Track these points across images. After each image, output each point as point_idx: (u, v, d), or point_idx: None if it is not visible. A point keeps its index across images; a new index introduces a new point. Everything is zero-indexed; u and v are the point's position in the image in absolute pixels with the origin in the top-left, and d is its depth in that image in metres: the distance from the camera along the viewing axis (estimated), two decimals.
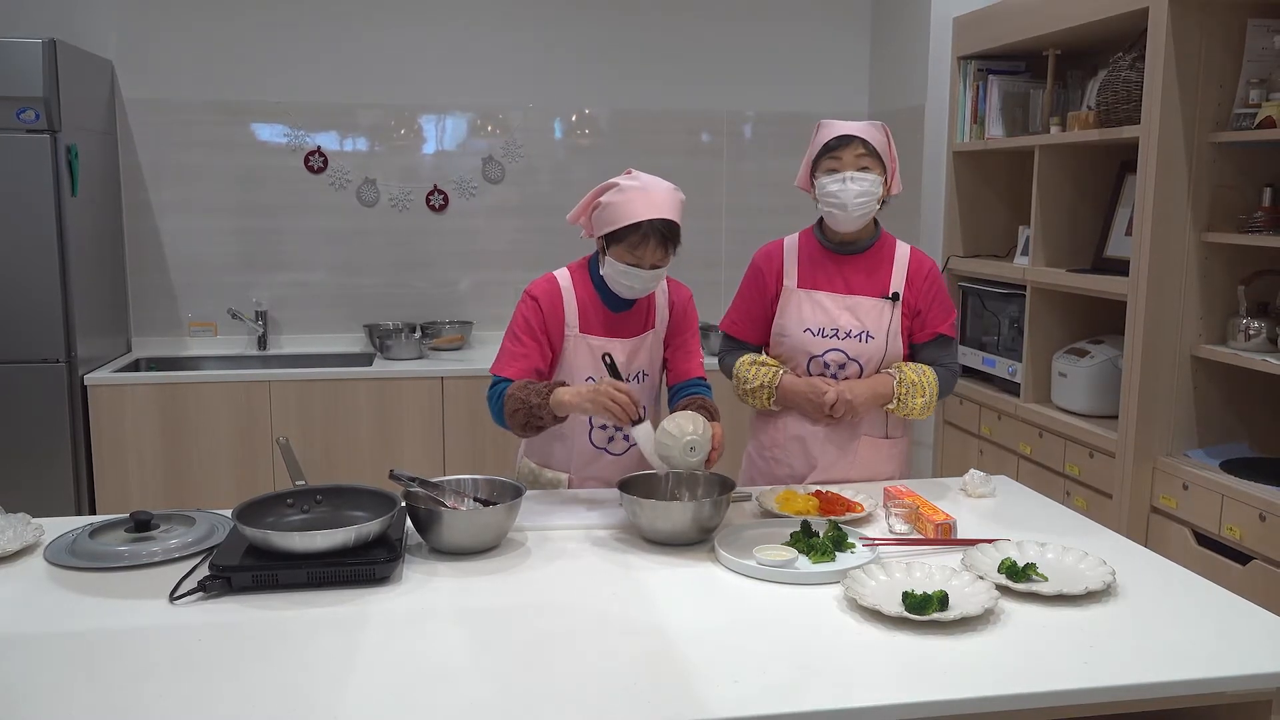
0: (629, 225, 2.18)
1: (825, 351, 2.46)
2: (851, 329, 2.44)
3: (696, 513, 2.00)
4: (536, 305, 2.31)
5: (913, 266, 2.48)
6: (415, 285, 4.57)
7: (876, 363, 2.45)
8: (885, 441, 2.53)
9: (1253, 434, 3.02)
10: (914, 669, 1.51)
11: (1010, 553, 1.92)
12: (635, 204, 2.18)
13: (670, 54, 4.61)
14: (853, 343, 2.44)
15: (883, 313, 2.44)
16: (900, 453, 2.57)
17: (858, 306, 2.45)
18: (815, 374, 2.48)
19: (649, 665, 1.52)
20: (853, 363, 2.45)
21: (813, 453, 2.50)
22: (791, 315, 2.49)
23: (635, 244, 2.20)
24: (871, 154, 2.36)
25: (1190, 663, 1.54)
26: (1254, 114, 2.73)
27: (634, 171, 2.27)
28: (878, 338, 2.44)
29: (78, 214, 3.76)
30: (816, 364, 2.48)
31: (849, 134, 2.36)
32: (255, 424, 3.91)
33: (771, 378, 2.47)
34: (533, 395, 2.17)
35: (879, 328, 2.44)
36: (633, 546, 2.02)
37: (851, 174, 2.35)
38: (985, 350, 3.84)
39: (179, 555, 1.92)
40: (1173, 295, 2.92)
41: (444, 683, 1.46)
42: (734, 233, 4.71)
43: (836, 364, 2.46)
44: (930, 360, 2.49)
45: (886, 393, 2.41)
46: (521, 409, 2.18)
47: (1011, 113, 3.81)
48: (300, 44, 4.34)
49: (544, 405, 2.15)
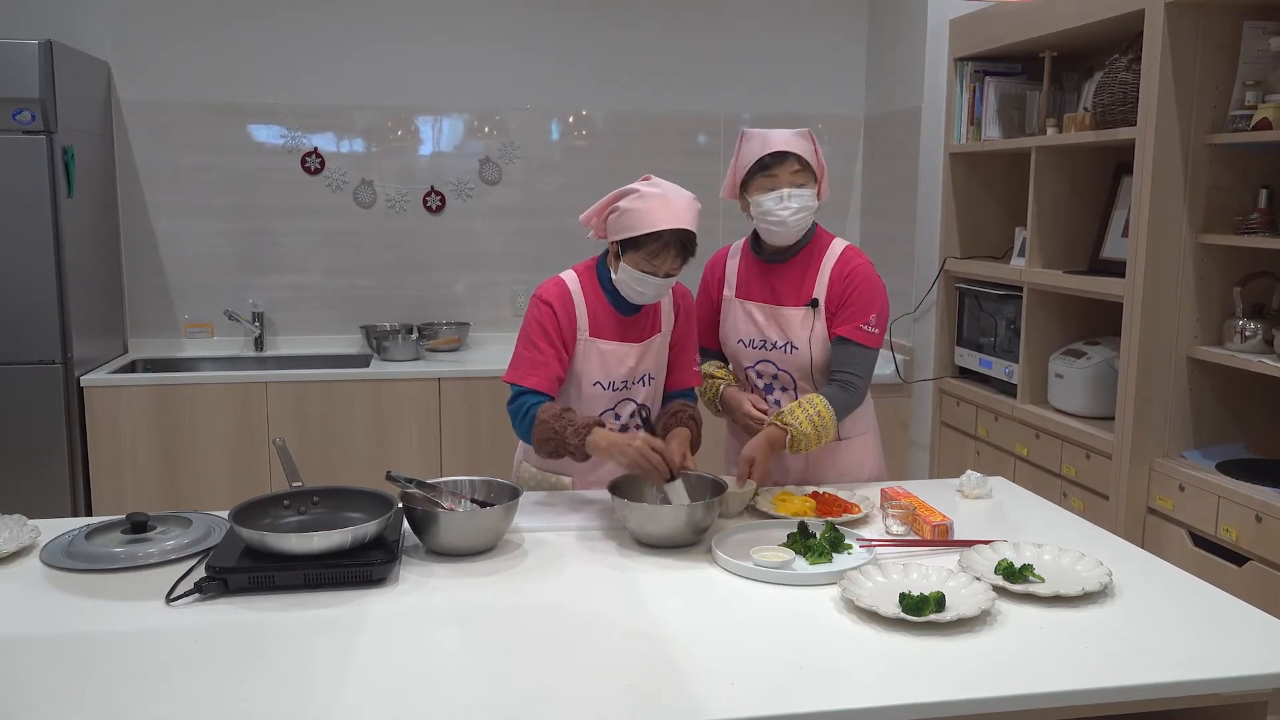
0: (649, 234, 2.16)
1: (755, 363, 2.47)
2: (777, 340, 2.43)
3: (690, 515, 2.00)
4: (551, 310, 2.28)
5: (836, 268, 2.40)
6: (412, 286, 4.57)
7: (805, 372, 2.42)
8: (842, 443, 2.50)
9: (1249, 435, 3.03)
10: (911, 670, 1.51)
11: (1007, 554, 1.92)
12: (656, 212, 2.16)
13: (667, 56, 4.62)
14: (779, 354, 2.43)
15: (804, 321, 2.40)
16: (868, 448, 2.55)
17: (782, 317, 2.42)
18: (749, 385, 2.49)
19: (646, 666, 1.52)
20: (783, 373, 2.45)
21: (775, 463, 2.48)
22: (730, 325, 2.50)
23: (655, 253, 2.18)
24: (805, 168, 2.33)
25: (1186, 664, 1.54)
26: (1250, 116, 2.74)
27: (654, 178, 2.24)
28: (801, 348, 2.40)
29: (74, 215, 3.76)
30: (751, 375, 2.48)
31: (784, 150, 2.31)
32: (252, 425, 3.90)
33: (715, 393, 2.48)
34: (569, 433, 2.13)
35: (801, 338, 2.40)
36: (630, 548, 2.02)
37: (789, 190, 2.32)
38: (982, 351, 3.84)
39: (175, 557, 1.91)
40: (1169, 297, 2.92)
41: (440, 684, 1.46)
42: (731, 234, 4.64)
43: (769, 374, 2.46)
44: (832, 365, 2.38)
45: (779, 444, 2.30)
46: (554, 439, 2.15)
47: (1008, 114, 3.82)
48: (297, 45, 4.33)
49: (579, 447, 2.13)
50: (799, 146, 2.33)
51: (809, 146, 2.35)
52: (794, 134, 2.34)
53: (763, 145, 2.33)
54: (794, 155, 2.31)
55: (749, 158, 2.35)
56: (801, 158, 2.32)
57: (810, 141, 2.36)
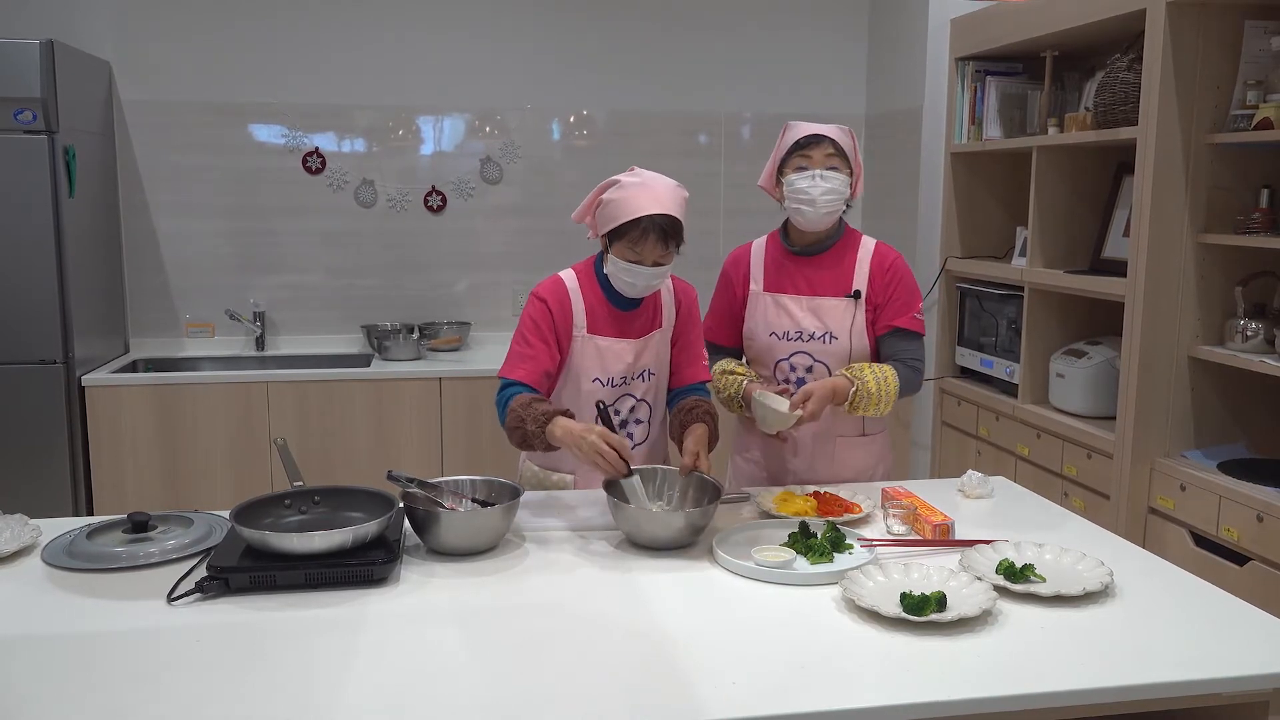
0: (629, 221, 2.17)
1: (791, 355, 2.47)
2: (815, 331, 2.44)
3: (688, 520, 2.00)
4: (545, 307, 2.30)
5: (875, 261, 2.46)
6: (413, 286, 4.57)
7: (843, 363, 2.44)
8: (863, 439, 2.53)
9: (1250, 435, 3.03)
10: (912, 670, 1.51)
11: (1008, 553, 1.92)
12: (635, 199, 2.18)
13: (668, 55, 4.62)
14: (817, 344, 2.45)
15: (845, 312, 2.43)
16: (880, 449, 2.57)
17: (820, 307, 2.44)
18: (781, 378, 2.49)
19: (647, 666, 1.52)
20: (819, 364, 2.45)
21: (788, 455, 2.51)
22: (758, 319, 2.51)
23: (636, 240, 2.19)
24: (840, 154, 2.38)
25: (1188, 664, 1.54)
26: (1251, 115, 2.74)
27: (637, 169, 2.27)
28: (841, 338, 2.43)
29: (75, 215, 3.76)
30: (782, 367, 2.48)
31: (819, 133, 2.39)
32: (253, 425, 3.90)
33: (738, 388, 2.48)
34: (529, 421, 2.14)
35: (842, 328, 2.43)
36: (631, 548, 2.02)
37: (821, 171, 2.36)
38: (983, 351, 3.84)
39: (176, 556, 1.91)
40: (1170, 296, 2.92)
41: (441, 683, 1.46)
42: (732, 234, 4.70)
43: (803, 367, 2.47)
44: (890, 354, 2.46)
45: (842, 396, 2.33)
46: (519, 428, 2.17)
47: (1009, 114, 3.81)
48: (298, 45, 4.33)
49: (538, 434, 2.14)
50: (836, 135, 2.40)
51: (848, 140, 2.42)
52: (834, 127, 2.42)
53: (800, 130, 2.41)
54: (830, 139, 2.38)
55: (788, 142, 2.42)
56: (837, 144, 2.38)
57: (850, 137, 2.43)
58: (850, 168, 2.40)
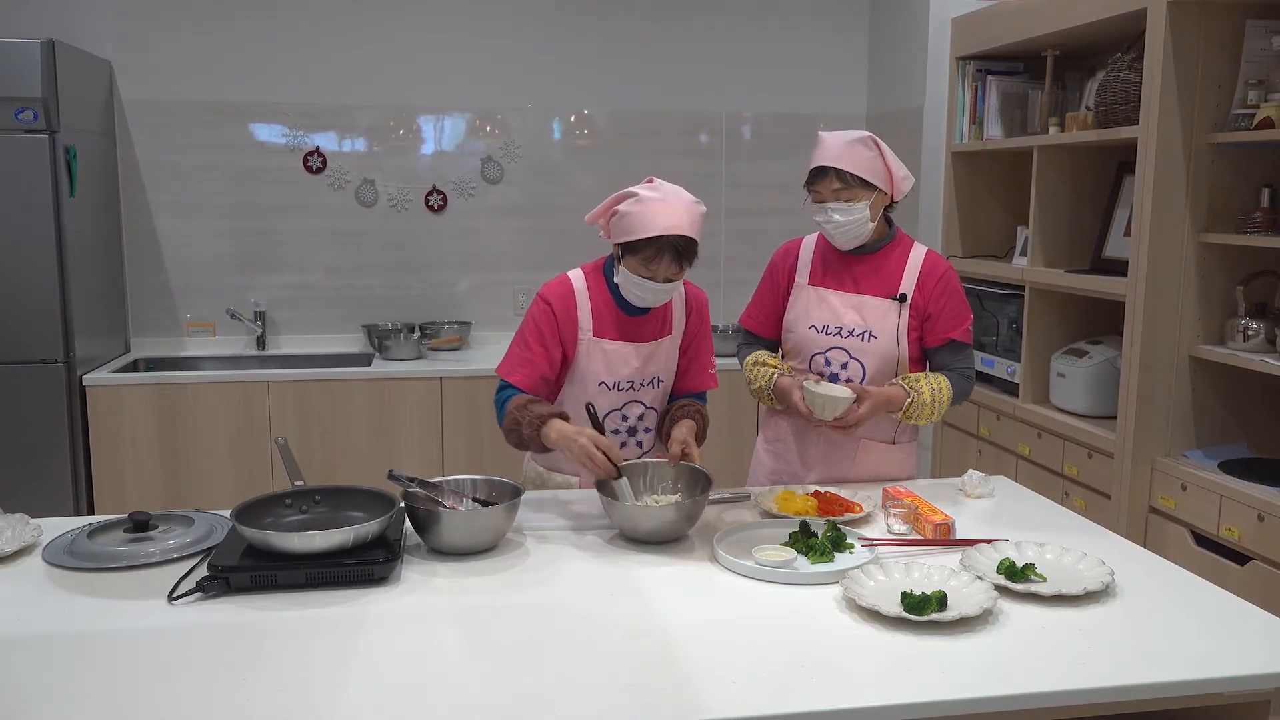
0: (645, 239, 2.15)
1: (828, 349, 2.47)
2: (855, 327, 2.44)
3: (679, 511, 2.01)
4: (549, 309, 2.28)
5: (925, 269, 2.45)
6: (414, 286, 4.57)
7: (879, 362, 2.44)
8: (893, 446, 2.53)
9: (1251, 434, 3.03)
10: (912, 669, 1.51)
11: (1009, 553, 1.92)
12: (652, 217, 2.15)
13: (669, 55, 4.61)
14: (855, 341, 2.44)
15: (888, 313, 2.43)
16: (906, 456, 2.56)
17: (863, 305, 2.44)
18: (816, 371, 2.48)
19: (648, 665, 1.52)
20: (854, 361, 2.45)
21: (813, 451, 2.51)
22: (799, 311, 2.50)
23: (650, 258, 2.17)
24: (849, 184, 2.32)
25: (1188, 663, 1.54)
26: (1252, 115, 2.74)
27: (656, 181, 2.23)
28: (881, 337, 2.43)
29: (76, 214, 3.76)
30: (818, 361, 2.48)
31: (824, 165, 2.34)
32: (254, 424, 3.91)
33: (768, 380, 2.47)
34: (525, 423, 2.16)
35: (883, 328, 2.43)
36: (631, 547, 2.02)
37: (831, 204, 2.35)
38: (984, 351, 3.84)
39: (177, 556, 1.91)
40: (1171, 296, 2.92)
41: (442, 683, 1.46)
42: (732, 234, 4.70)
43: (839, 362, 2.46)
44: (941, 365, 2.48)
45: (896, 406, 2.37)
46: (515, 429, 2.19)
47: (1010, 113, 3.81)
48: (299, 44, 4.33)
49: (534, 437, 2.16)
50: (845, 160, 2.32)
51: (860, 156, 2.33)
52: (845, 145, 2.33)
53: (815, 156, 2.37)
54: (835, 172, 2.32)
55: (809, 164, 2.40)
56: (843, 173, 2.32)
57: (869, 148, 2.35)
58: (868, 184, 2.34)
